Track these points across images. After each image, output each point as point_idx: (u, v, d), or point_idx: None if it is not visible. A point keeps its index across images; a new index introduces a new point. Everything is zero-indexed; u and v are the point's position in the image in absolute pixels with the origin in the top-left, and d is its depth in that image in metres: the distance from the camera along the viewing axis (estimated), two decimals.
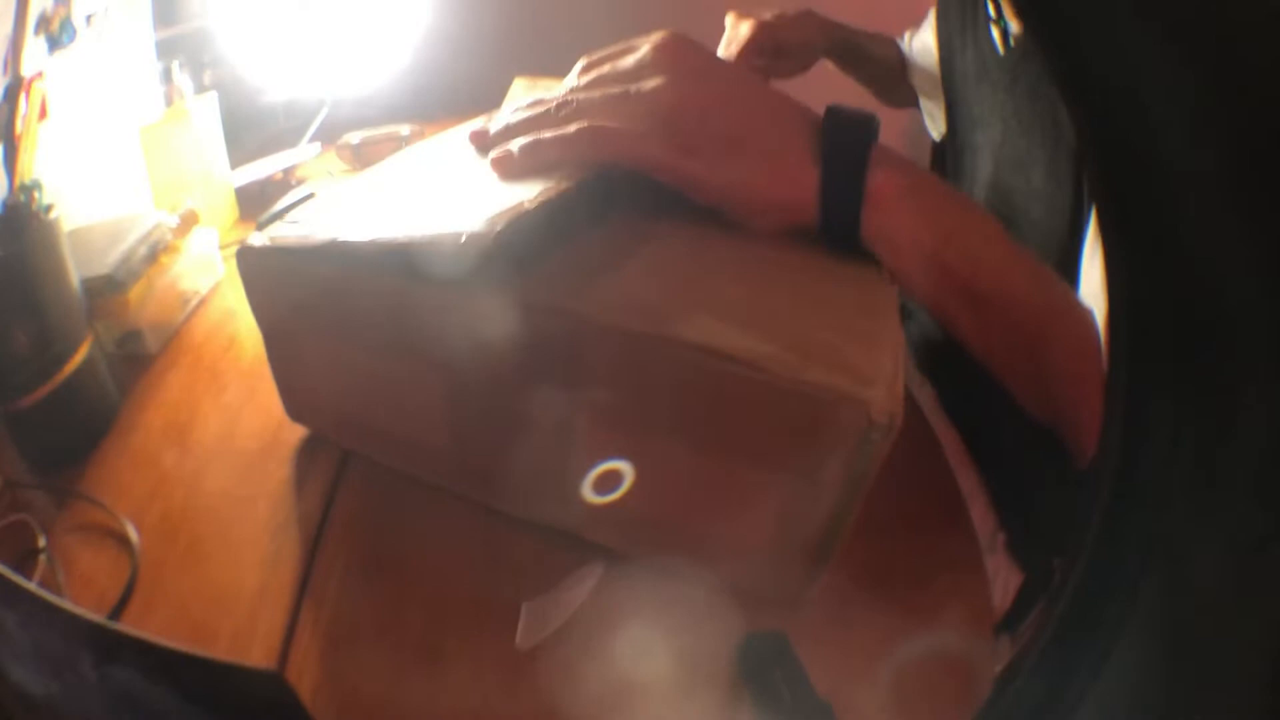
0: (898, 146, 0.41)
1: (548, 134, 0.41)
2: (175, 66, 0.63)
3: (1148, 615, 0.28)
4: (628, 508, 0.38)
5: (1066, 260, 0.44)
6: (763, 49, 0.61)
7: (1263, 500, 0.26)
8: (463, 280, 0.36)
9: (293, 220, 0.41)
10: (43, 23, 0.51)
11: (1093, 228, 0.43)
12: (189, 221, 0.57)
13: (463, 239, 0.35)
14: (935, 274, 0.39)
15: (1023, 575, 0.45)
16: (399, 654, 0.37)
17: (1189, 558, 0.27)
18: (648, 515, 0.39)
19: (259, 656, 0.37)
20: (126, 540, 0.41)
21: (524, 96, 0.46)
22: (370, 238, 0.38)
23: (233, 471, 0.45)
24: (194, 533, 0.42)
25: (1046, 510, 0.47)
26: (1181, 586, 0.27)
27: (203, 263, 0.58)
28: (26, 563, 0.39)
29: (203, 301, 0.57)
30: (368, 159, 0.70)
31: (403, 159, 0.48)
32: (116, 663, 0.31)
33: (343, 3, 0.69)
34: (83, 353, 0.47)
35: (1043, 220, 0.48)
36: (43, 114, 0.51)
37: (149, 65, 0.62)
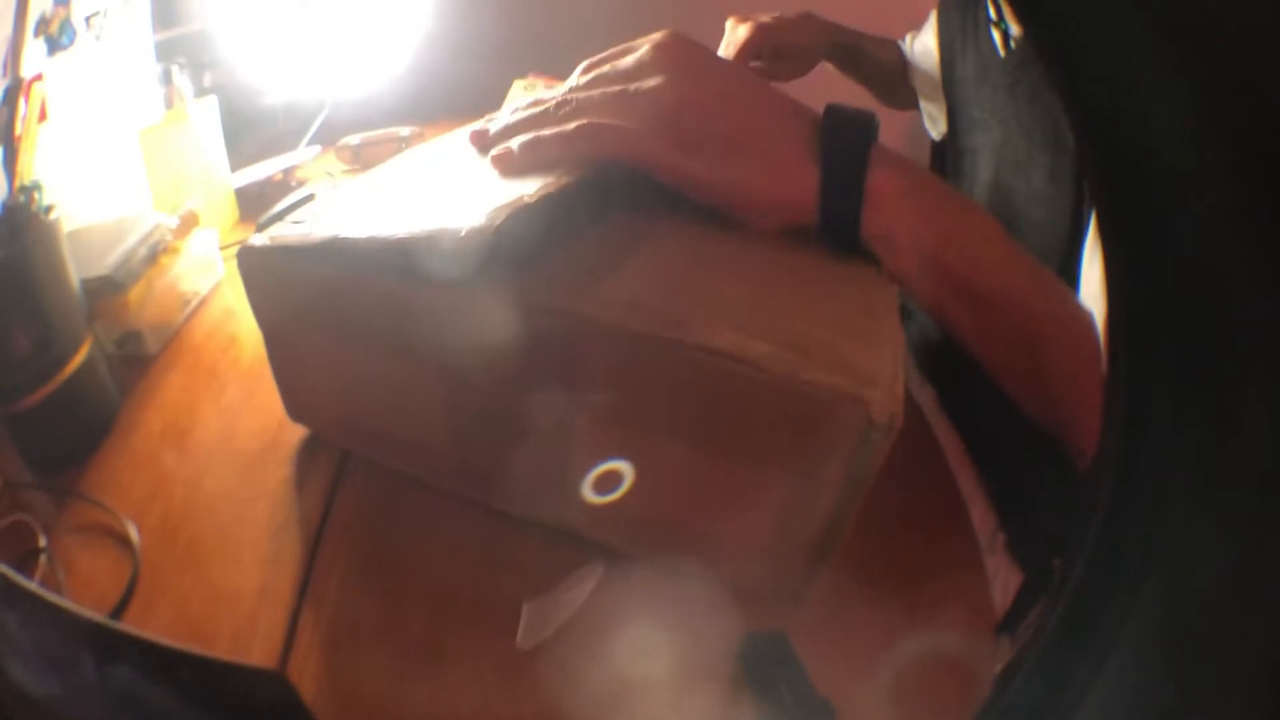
0: (898, 148, 0.41)
1: (547, 131, 0.41)
2: (175, 68, 0.63)
3: (1147, 615, 0.28)
4: (628, 507, 0.38)
5: (1067, 263, 0.44)
6: (760, 51, 0.61)
7: (1263, 500, 0.26)
8: (463, 280, 0.36)
9: (293, 221, 0.41)
10: (42, 24, 0.51)
11: (1093, 230, 0.43)
12: (189, 223, 0.57)
13: (463, 233, 0.35)
14: (935, 274, 0.39)
15: (1022, 575, 0.45)
16: (400, 654, 0.37)
17: (1189, 558, 0.27)
18: (648, 514, 0.39)
19: (259, 657, 0.36)
20: (127, 540, 0.41)
21: (523, 98, 0.46)
22: (370, 235, 0.37)
23: (233, 472, 0.45)
24: (194, 533, 0.42)
25: (1046, 511, 0.47)
26: (1181, 586, 0.27)
27: (203, 264, 0.58)
28: (27, 563, 0.39)
29: (203, 302, 0.57)
30: (367, 160, 0.70)
31: (403, 161, 0.48)
32: (117, 663, 0.31)
33: (343, 5, 0.69)
34: (83, 353, 0.47)
35: (1043, 222, 0.48)
36: (42, 115, 0.51)
37: (149, 67, 0.62)
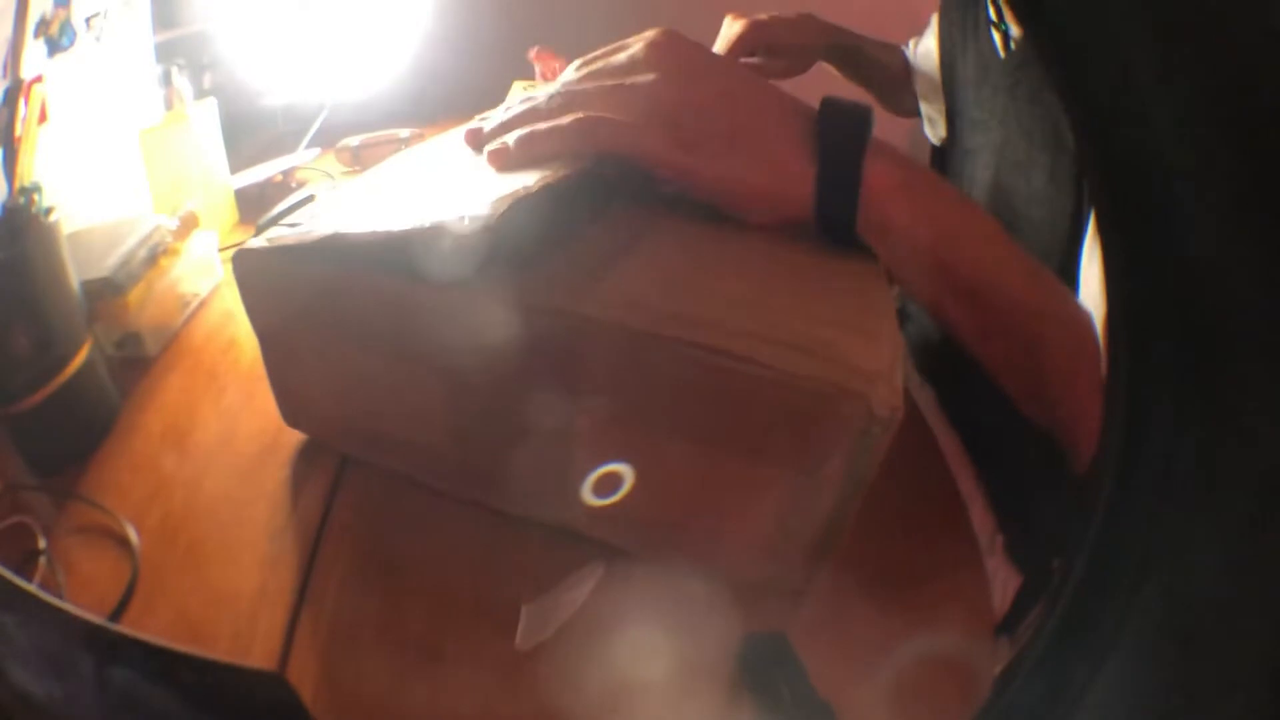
0: None
1: (543, 126, 0.41)
2: (175, 70, 0.63)
3: (1147, 615, 0.28)
4: (629, 506, 0.38)
5: (1067, 263, 0.44)
6: (754, 48, 0.61)
7: (1263, 500, 0.26)
8: (462, 280, 0.36)
9: (289, 223, 0.41)
10: (43, 26, 0.51)
11: (1092, 229, 0.43)
12: (188, 224, 0.57)
13: (464, 224, 0.35)
14: (932, 269, 0.39)
15: (1021, 576, 0.45)
16: (399, 655, 0.37)
17: (1189, 558, 0.27)
18: (649, 513, 0.39)
19: (259, 658, 0.36)
20: (127, 542, 0.41)
21: (519, 96, 0.46)
22: (369, 230, 0.37)
23: (233, 473, 0.45)
24: (194, 534, 0.42)
25: (1045, 512, 0.47)
26: (1181, 586, 0.27)
27: (202, 265, 0.58)
28: (27, 564, 0.39)
29: (202, 304, 0.57)
30: (367, 162, 0.70)
31: (400, 160, 0.48)
32: (117, 664, 0.31)
33: (343, 6, 0.69)
34: (83, 355, 0.47)
35: (1043, 223, 0.48)
36: (42, 117, 0.51)
37: (149, 69, 0.62)
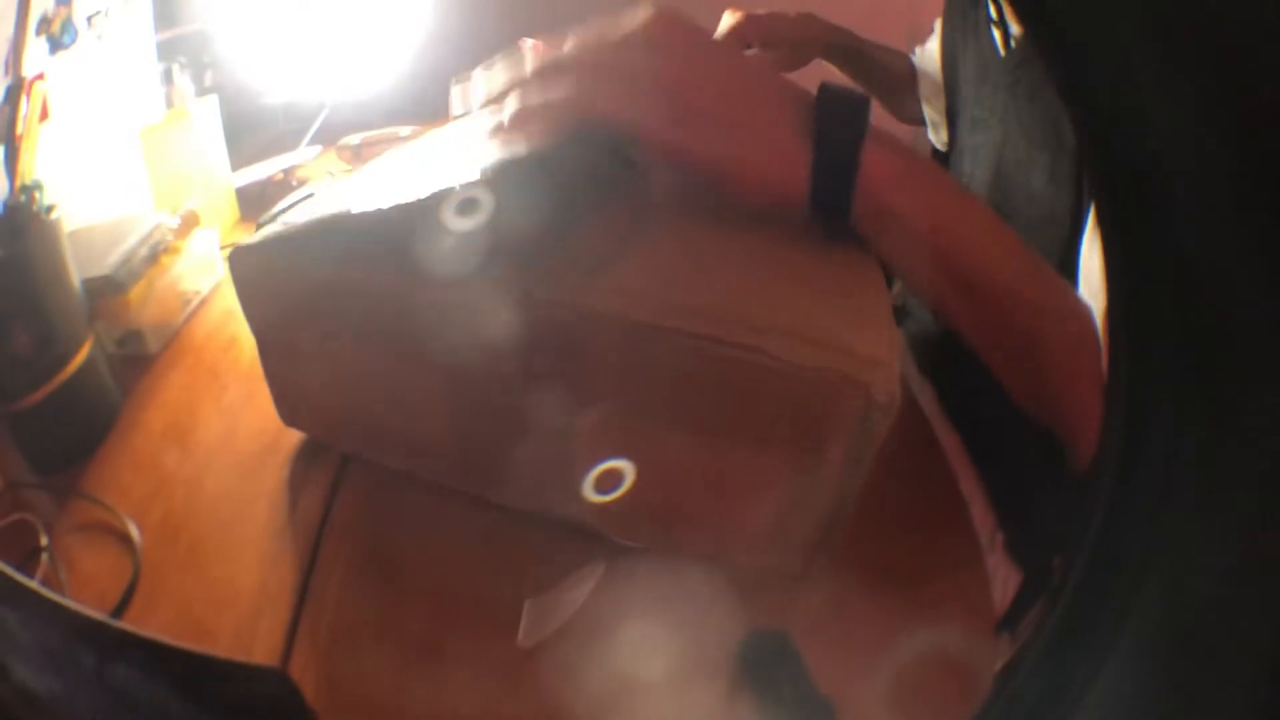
0: None
1: (536, 101, 0.39)
2: (176, 68, 0.63)
3: (1147, 614, 0.28)
4: (631, 497, 0.38)
5: (1067, 262, 0.44)
6: (749, 41, 0.61)
7: (1263, 500, 0.26)
8: (462, 274, 0.36)
9: (284, 222, 0.41)
10: (44, 23, 0.51)
11: (1091, 221, 0.42)
12: (189, 222, 0.57)
13: (457, 187, 0.36)
14: (930, 259, 0.39)
15: (1021, 574, 0.45)
16: (401, 652, 0.37)
17: (1189, 558, 0.27)
18: (652, 503, 0.39)
19: (261, 656, 0.37)
20: (128, 540, 0.41)
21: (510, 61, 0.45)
22: (363, 210, 0.38)
23: (234, 471, 0.45)
24: (195, 532, 0.42)
25: (1045, 511, 0.47)
26: (1181, 586, 0.27)
27: (203, 263, 0.58)
28: (29, 562, 0.39)
29: (203, 302, 0.57)
30: (368, 160, 0.70)
31: (393, 153, 0.49)
32: (119, 661, 0.31)
33: (343, 4, 0.69)
34: (84, 353, 0.47)
35: (1042, 221, 0.48)
36: (44, 115, 0.51)
37: (150, 67, 0.62)
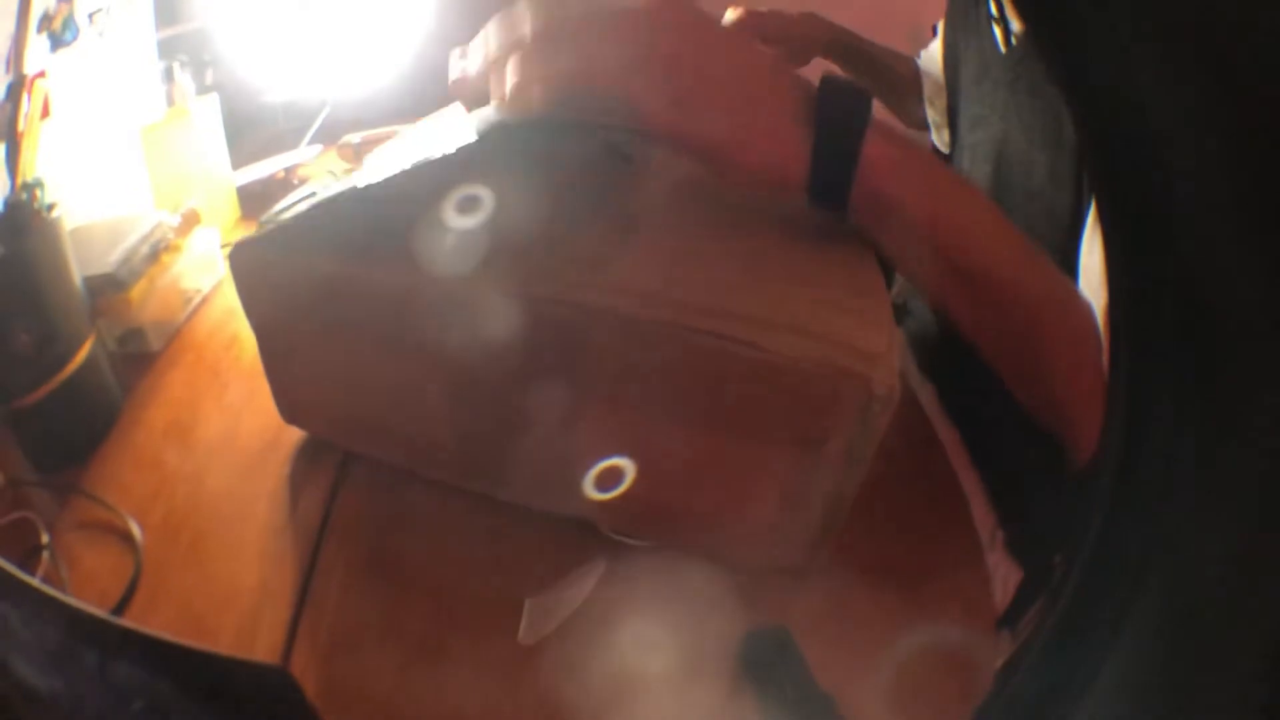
0: None
1: (535, 71, 0.38)
2: (177, 66, 0.63)
3: (1148, 613, 0.28)
4: (632, 492, 0.38)
5: (1067, 259, 0.44)
6: (750, 36, 0.61)
7: (1263, 500, 0.26)
8: (461, 271, 0.36)
9: (286, 219, 0.41)
10: (45, 21, 0.51)
11: (1092, 217, 0.42)
12: (190, 221, 0.57)
13: (452, 150, 0.36)
14: (929, 250, 0.39)
15: (1022, 572, 0.45)
16: (402, 650, 0.37)
17: (1189, 558, 0.27)
18: (653, 498, 0.39)
19: (262, 654, 0.37)
20: (129, 537, 0.41)
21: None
22: (364, 186, 0.38)
23: (235, 469, 0.45)
24: (197, 530, 0.42)
25: (1045, 508, 0.47)
26: (1182, 585, 0.27)
27: (204, 262, 0.58)
28: (30, 560, 0.39)
29: (204, 300, 0.57)
30: (368, 159, 0.70)
31: (391, 145, 0.49)
32: (120, 658, 0.31)
33: (344, 3, 0.69)
34: (85, 351, 0.47)
35: (1043, 219, 0.48)
36: (45, 112, 0.51)
37: (150, 65, 0.62)
